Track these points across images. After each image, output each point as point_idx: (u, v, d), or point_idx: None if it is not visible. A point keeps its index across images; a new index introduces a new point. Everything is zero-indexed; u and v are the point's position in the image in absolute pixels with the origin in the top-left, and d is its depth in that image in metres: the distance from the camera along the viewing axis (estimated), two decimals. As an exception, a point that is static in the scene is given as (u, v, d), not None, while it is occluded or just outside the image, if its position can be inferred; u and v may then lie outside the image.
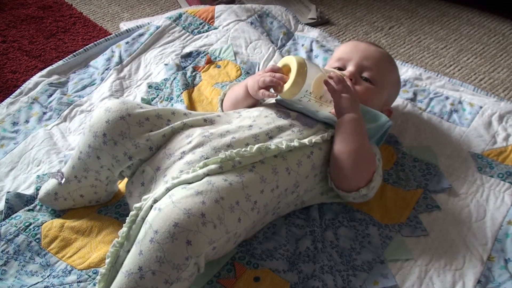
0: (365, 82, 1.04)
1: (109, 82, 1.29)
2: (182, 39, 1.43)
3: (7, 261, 0.88)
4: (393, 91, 1.12)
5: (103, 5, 1.86)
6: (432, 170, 1.05)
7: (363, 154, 0.91)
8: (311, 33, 1.49)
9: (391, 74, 1.11)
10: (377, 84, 1.05)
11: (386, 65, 1.09)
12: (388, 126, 0.98)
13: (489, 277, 0.87)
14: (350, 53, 1.08)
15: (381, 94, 1.06)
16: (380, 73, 1.05)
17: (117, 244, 0.77)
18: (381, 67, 1.06)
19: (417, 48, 1.64)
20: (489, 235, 0.93)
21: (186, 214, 0.72)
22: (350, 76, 1.03)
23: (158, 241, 0.71)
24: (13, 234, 0.91)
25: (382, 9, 1.85)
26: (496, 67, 1.54)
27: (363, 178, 0.91)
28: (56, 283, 0.84)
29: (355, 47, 1.09)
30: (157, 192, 0.78)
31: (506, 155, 1.08)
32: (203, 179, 0.79)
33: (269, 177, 0.84)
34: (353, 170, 0.90)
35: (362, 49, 1.08)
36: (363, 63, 1.05)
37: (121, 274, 0.74)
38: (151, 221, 0.73)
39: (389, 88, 1.09)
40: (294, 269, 0.86)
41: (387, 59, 1.11)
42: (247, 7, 1.55)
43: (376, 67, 1.05)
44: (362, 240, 0.92)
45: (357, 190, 0.91)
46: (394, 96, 1.15)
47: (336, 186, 0.93)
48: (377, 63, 1.06)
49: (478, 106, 1.19)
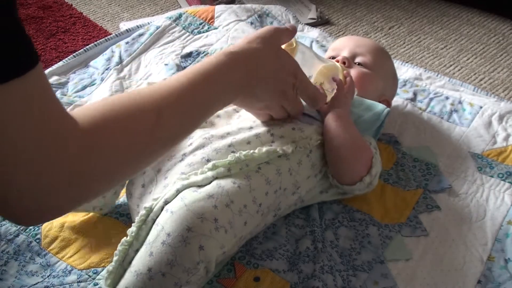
0: (359, 67, 1.05)
1: (109, 82, 1.29)
2: (182, 39, 1.43)
3: (7, 261, 0.88)
4: (389, 82, 1.12)
5: (103, 5, 1.86)
6: (432, 170, 1.05)
7: (356, 143, 0.91)
8: (311, 33, 1.49)
9: (386, 62, 1.11)
10: (372, 69, 1.05)
11: (380, 54, 1.10)
12: (385, 113, 0.98)
13: (489, 277, 0.87)
14: (343, 42, 1.10)
15: (376, 79, 1.06)
16: (374, 59, 1.06)
17: (126, 243, 0.76)
18: (374, 54, 1.07)
19: (417, 48, 1.64)
20: (489, 235, 0.93)
21: (199, 218, 0.72)
22: (343, 60, 1.03)
23: (171, 244, 0.71)
24: (13, 234, 0.91)
25: (382, 9, 1.85)
26: (496, 67, 1.54)
27: (363, 166, 0.91)
28: (56, 283, 0.84)
29: (348, 38, 1.13)
30: (167, 194, 0.78)
31: (506, 155, 1.08)
32: (213, 182, 0.79)
33: (273, 179, 0.84)
34: (351, 161, 0.90)
35: (355, 39, 1.11)
36: (356, 50, 1.07)
37: (129, 273, 0.74)
38: (163, 224, 0.73)
39: (385, 77, 1.09)
40: (294, 269, 0.86)
41: (381, 49, 1.12)
42: (247, 7, 1.55)
43: (369, 53, 1.06)
44: (362, 240, 0.92)
45: (360, 180, 0.91)
46: (391, 90, 1.14)
47: (339, 182, 0.92)
48: (370, 50, 1.07)
49: (478, 106, 1.19)
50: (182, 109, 0.70)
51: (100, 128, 0.59)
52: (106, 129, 0.60)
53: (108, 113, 0.62)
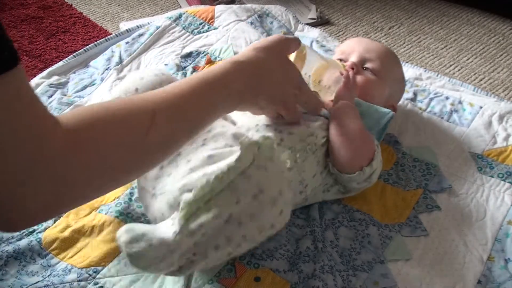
0: (367, 72, 1.05)
1: (109, 82, 1.29)
2: (182, 39, 1.43)
3: (8, 261, 0.88)
4: (396, 88, 1.12)
5: (103, 5, 1.86)
6: (432, 170, 1.05)
7: (360, 134, 0.92)
8: (311, 33, 1.49)
9: (395, 68, 1.11)
10: (379, 76, 1.05)
11: (389, 59, 1.09)
12: (389, 117, 0.98)
13: (489, 277, 0.87)
14: (353, 46, 1.09)
15: (383, 86, 1.06)
16: (382, 65, 1.05)
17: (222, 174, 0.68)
18: (384, 59, 1.07)
19: (417, 48, 1.64)
20: (489, 235, 0.93)
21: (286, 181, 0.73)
22: (352, 66, 1.03)
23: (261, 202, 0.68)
24: (16, 238, 0.91)
25: (382, 9, 1.85)
26: (496, 67, 1.54)
27: (365, 156, 0.91)
28: (56, 282, 0.84)
29: (358, 41, 1.11)
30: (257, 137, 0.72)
31: (506, 155, 1.08)
32: None
33: None
34: (353, 149, 0.90)
35: (365, 43, 1.10)
36: (365, 55, 1.06)
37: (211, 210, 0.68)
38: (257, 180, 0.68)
39: (392, 83, 1.09)
40: (295, 269, 0.86)
41: (391, 54, 1.12)
42: (247, 7, 1.55)
43: (379, 59, 1.06)
44: (362, 240, 0.92)
45: (361, 169, 0.91)
46: (398, 94, 1.14)
47: (340, 169, 0.92)
48: (379, 55, 1.06)
49: (478, 106, 1.20)
50: (178, 114, 0.68)
51: (86, 128, 0.57)
52: (93, 129, 0.58)
53: (100, 113, 0.60)
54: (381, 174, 1.03)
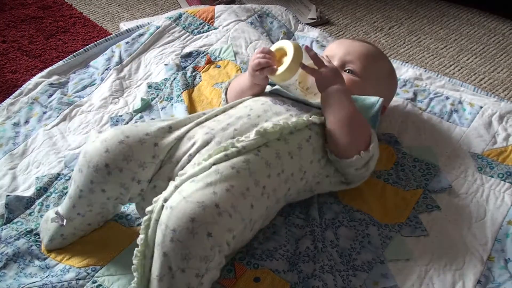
0: (348, 74, 1.05)
1: (109, 82, 1.29)
2: (182, 39, 1.43)
3: (7, 263, 0.88)
4: (383, 82, 1.11)
5: (103, 5, 1.86)
6: (432, 170, 1.05)
7: (355, 118, 0.92)
8: (311, 33, 1.49)
9: (377, 65, 1.10)
10: (362, 76, 1.05)
11: (370, 58, 1.09)
12: (380, 104, 0.98)
13: (489, 277, 0.87)
14: (334, 50, 1.10)
15: (365, 85, 1.05)
16: (363, 65, 1.06)
17: (139, 253, 0.77)
18: (364, 60, 1.07)
19: (417, 48, 1.64)
20: (489, 235, 0.93)
21: (200, 207, 0.73)
22: None
23: (179, 239, 0.72)
24: (13, 238, 0.92)
25: (382, 9, 1.85)
26: (496, 67, 1.54)
27: (362, 139, 0.92)
28: (54, 281, 0.84)
29: (339, 44, 1.12)
30: (166, 192, 0.78)
31: (506, 155, 1.08)
32: (210, 168, 0.79)
33: (273, 162, 0.85)
34: (350, 134, 0.91)
35: (345, 45, 1.10)
36: (345, 57, 1.07)
37: (153, 280, 0.75)
38: (166, 221, 0.73)
39: (377, 81, 1.08)
40: (294, 269, 0.86)
41: (372, 52, 1.11)
42: (247, 7, 1.55)
43: (359, 60, 1.06)
44: (362, 240, 0.92)
45: (358, 154, 0.90)
46: (387, 89, 1.13)
47: (338, 155, 0.92)
48: (359, 56, 1.07)
49: (478, 106, 1.19)
50: None
51: None
52: None
53: None
54: (381, 174, 1.03)
